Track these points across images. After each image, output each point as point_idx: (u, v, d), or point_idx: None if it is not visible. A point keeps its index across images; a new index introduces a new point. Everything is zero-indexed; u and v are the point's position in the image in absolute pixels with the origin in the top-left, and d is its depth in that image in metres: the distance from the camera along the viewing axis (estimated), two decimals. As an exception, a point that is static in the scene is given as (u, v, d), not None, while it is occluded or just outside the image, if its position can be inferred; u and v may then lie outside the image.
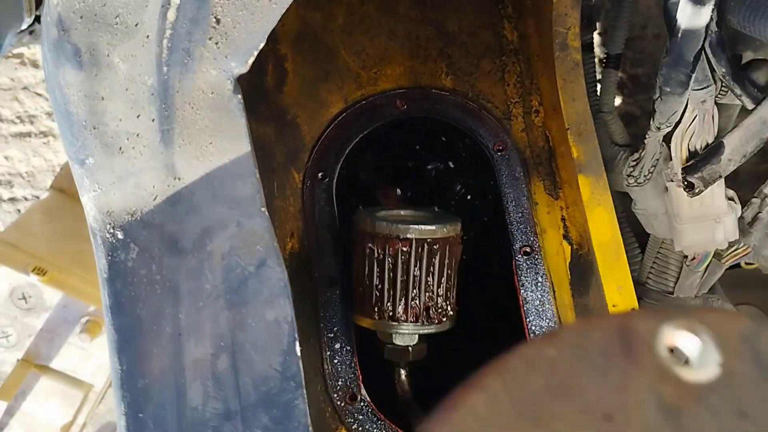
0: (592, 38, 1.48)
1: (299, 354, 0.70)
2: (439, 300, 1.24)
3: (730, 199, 1.19)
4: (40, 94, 2.91)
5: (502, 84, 1.40)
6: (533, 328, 1.26)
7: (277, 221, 1.34)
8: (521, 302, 1.27)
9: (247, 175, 0.72)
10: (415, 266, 1.22)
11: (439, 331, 1.25)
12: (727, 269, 1.35)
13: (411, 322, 1.23)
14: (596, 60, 1.50)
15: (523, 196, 1.33)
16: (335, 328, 1.28)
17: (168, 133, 0.69)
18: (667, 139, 1.16)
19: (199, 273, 0.71)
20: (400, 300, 1.23)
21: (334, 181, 1.36)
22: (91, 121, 0.67)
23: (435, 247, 1.22)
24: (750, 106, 1.07)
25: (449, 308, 1.25)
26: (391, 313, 1.23)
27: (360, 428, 1.23)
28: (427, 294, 1.23)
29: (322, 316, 1.28)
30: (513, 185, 1.34)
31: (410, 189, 1.52)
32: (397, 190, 1.56)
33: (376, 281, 1.23)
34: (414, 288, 1.22)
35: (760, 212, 1.27)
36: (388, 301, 1.23)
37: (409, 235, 1.22)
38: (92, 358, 2.53)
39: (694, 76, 1.02)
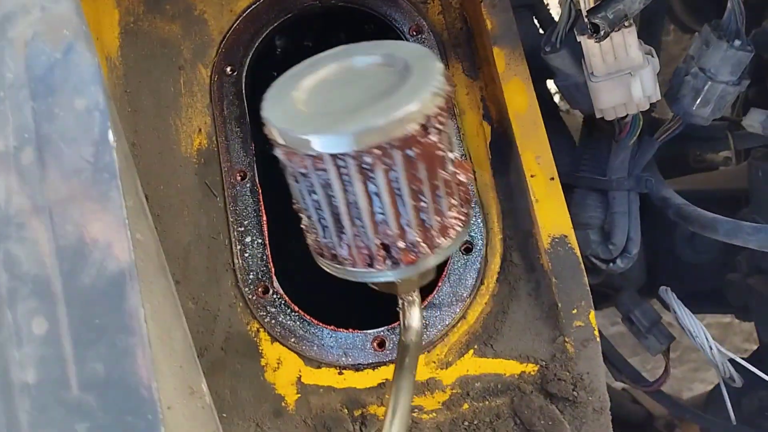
0: None
1: (113, 143, 0.64)
2: (406, 233, 0.81)
3: (647, 53, 1.12)
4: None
5: (418, -32, 1.34)
6: (452, 209, 1.18)
7: (183, 118, 1.28)
8: (440, 184, 1.20)
9: (49, -48, 0.66)
10: (347, 190, 0.78)
11: (418, 271, 0.84)
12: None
13: (361, 267, 0.84)
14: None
15: (441, 79, 1.26)
16: (245, 222, 1.21)
17: None
18: None
19: None
20: (338, 237, 0.84)
21: (243, 75, 1.29)
22: None
23: (375, 159, 0.74)
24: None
25: (432, 238, 0.82)
26: (333, 253, 0.86)
27: (272, 321, 1.17)
28: (378, 227, 0.81)
29: (232, 210, 1.22)
30: (430, 68, 1.27)
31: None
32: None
33: (303, 207, 0.85)
34: (351, 221, 0.81)
35: (686, 75, 1.20)
36: (324, 237, 0.86)
37: (318, 149, 0.74)
38: None
39: None
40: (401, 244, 0.81)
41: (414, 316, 0.91)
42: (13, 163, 0.64)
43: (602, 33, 1.01)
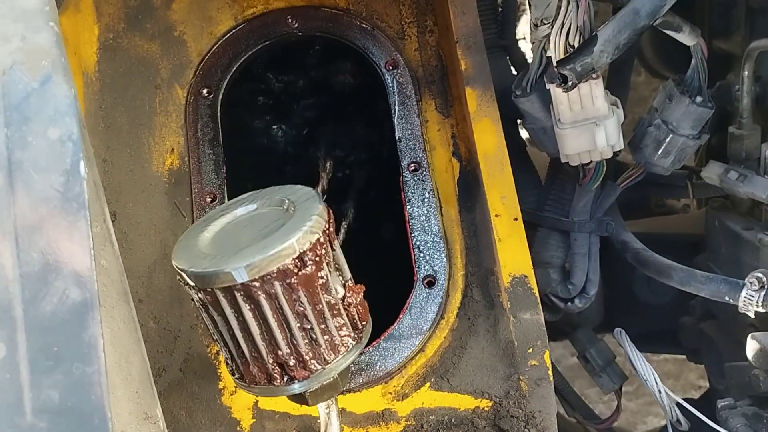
0: (492, -36, 1.46)
1: (84, 174, 0.65)
2: (296, 352, 0.91)
3: (612, 104, 1.16)
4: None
5: (397, 4, 1.37)
6: (417, 243, 1.21)
7: (157, 137, 1.29)
8: (407, 217, 1.23)
9: (32, -17, 0.67)
10: (239, 318, 0.89)
11: (316, 385, 0.94)
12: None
13: (263, 384, 0.94)
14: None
15: (414, 114, 1.29)
16: (212, 244, 1.22)
17: (-63, -72, 0.64)
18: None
19: (-24, 88, 0.66)
20: (234, 360, 0.95)
21: (219, 98, 1.31)
22: None
23: (257, 291, 0.86)
24: (624, -3, 1.04)
25: (321, 355, 0.93)
26: (240, 372, 0.95)
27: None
28: (270, 348, 0.91)
29: (200, 232, 1.23)
30: (404, 103, 1.30)
31: (304, 110, 1.48)
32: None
33: (212, 335, 0.97)
34: (246, 344, 0.92)
35: (649, 126, 1.25)
36: (226, 357, 0.96)
37: (210, 285, 0.87)
38: None
39: (563, -40, 1.00)
40: (292, 362, 0.92)
41: (333, 424, 1.01)
42: (-19, 188, 0.65)
43: (570, 84, 1.04)
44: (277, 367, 0.92)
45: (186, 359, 1.17)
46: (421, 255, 1.21)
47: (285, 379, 0.93)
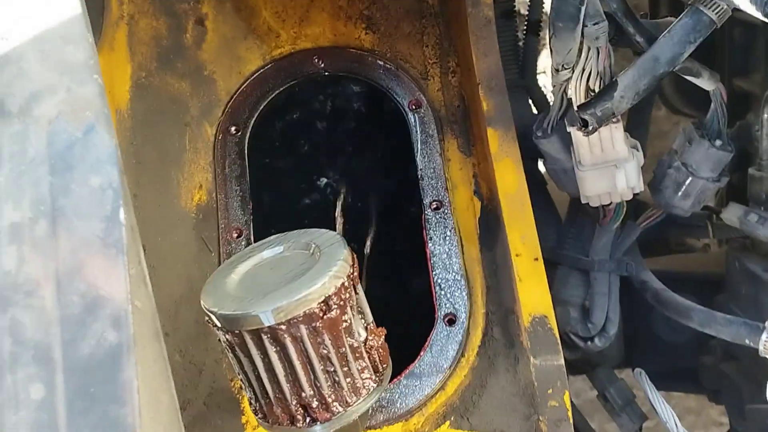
0: (514, 5, 1.49)
1: (123, 221, 0.68)
2: (319, 394, 0.94)
3: (632, 147, 1.18)
4: None
5: (421, 45, 1.40)
6: (439, 280, 1.23)
7: (186, 173, 1.33)
8: (428, 255, 1.25)
9: (79, 39, 0.71)
10: (265, 360, 0.92)
11: (336, 427, 0.96)
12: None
13: (286, 425, 0.96)
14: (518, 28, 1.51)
15: (436, 152, 1.31)
16: (238, 279, 1.25)
17: (-9, -11, 0.68)
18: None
19: (23, 137, 0.69)
20: (258, 400, 0.98)
21: (247, 135, 1.34)
22: None
23: (283, 333, 0.89)
24: (644, 44, 1.07)
25: (344, 397, 0.95)
26: (264, 412, 0.98)
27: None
28: (294, 389, 0.94)
29: (226, 266, 1.26)
30: (426, 142, 1.33)
31: (326, 149, 1.51)
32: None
33: (237, 374, 1.00)
34: (272, 385, 0.94)
35: (669, 168, 1.26)
36: (250, 397, 0.99)
37: (237, 328, 0.90)
38: None
39: (584, 9, 1.02)
40: (315, 404, 0.94)
41: None
42: (27, 234, 0.68)
43: (591, 128, 1.07)
44: (300, 409, 0.95)
45: (210, 393, 1.20)
46: (442, 293, 1.22)
47: (307, 420, 0.94)
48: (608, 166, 1.15)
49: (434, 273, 1.24)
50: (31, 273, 0.67)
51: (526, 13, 1.52)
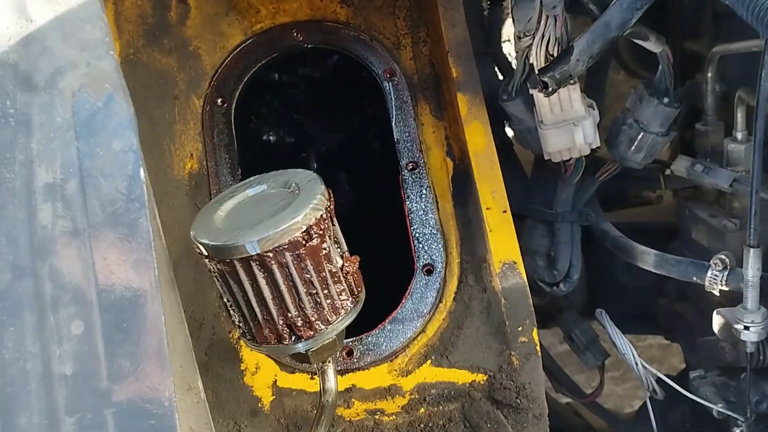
0: (478, -23, 1.59)
1: (143, 179, 0.77)
2: (302, 314, 1.04)
3: (589, 106, 1.29)
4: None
5: (393, 17, 1.49)
6: (417, 234, 1.34)
7: (177, 143, 1.41)
8: (407, 212, 1.36)
9: (95, 19, 0.80)
10: (254, 285, 1.01)
11: (319, 344, 1.07)
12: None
13: (273, 344, 1.06)
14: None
15: (411, 118, 1.42)
16: (231, 240, 1.35)
17: (17, -24, 0.76)
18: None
19: (50, 107, 0.78)
20: (247, 323, 1.06)
21: (233, 106, 1.43)
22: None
23: (270, 261, 0.98)
24: (596, 12, 1.18)
25: (325, 316, 1.05)
26: (252, 334, 1.07)
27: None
28: (280, 311, 1.03)
29: (219, 229, 1.35)
30: (401, 108, 1.43)
31: (306, 115, 1.60)
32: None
33: (226, 301, 1.09)
34: (260, 308, 1.03)
35: (622, 125, 1.38)
36: (239, 321, 1.09)
37: (228, 256, 0.98)
38: None
39: (542, -20, 1.13)
40: (300, 323, 1.05)
41: (330, 380, 1.14)
42: (59, 193, 0.77)
43: (550, 89, 1.18)
44: (286, 328, 1.05)
45: (210, 344, 1.30)
46: (420, 246, 1.33)
47: (293, 338, 1.05)
48: (567, 124, 1.27)
49: (412, 228, 1.35)
50: (65, 226, 0.77)
51: (490, -16, 1.62)
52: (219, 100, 1.43)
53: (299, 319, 1.04)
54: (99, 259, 0.76)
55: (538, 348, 1.26)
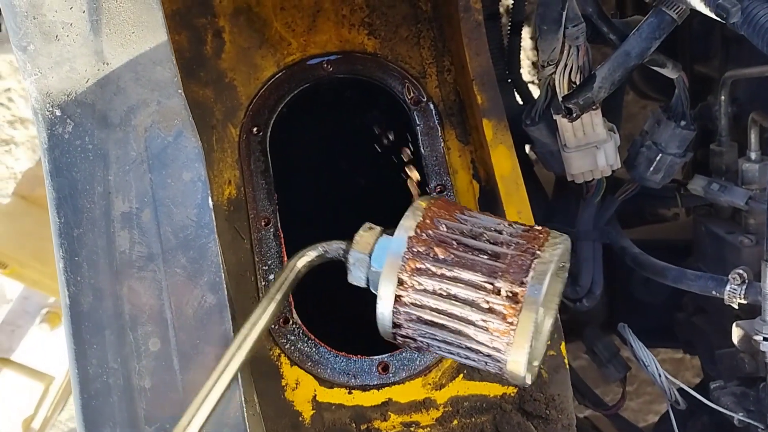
0: (498, 8, 1.66)
1: (211, 207, 0.84)
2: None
3: (610, 130, 1.36)
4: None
5: (418, 47, 1.57)
6: (446, 254, 1.40)
7: (215, 171, 1.48)
8: (436, 233, 1.42)
9: (165, 60, 0.87)
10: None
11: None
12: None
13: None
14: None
15: (438, 143, 1.49)
16: (269, 262, 1.41)
17: (96, 23, 0.83)
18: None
19: (125, 143, 0.85)
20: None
21: (268, 135, 1.50)
22: (31, 11, 0.81)
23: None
24: (617, 41, 1.25)
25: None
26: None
27: (292, 347, 1.36)
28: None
29: (257, 251, 1.42)
30: (428, 134, 1.50)
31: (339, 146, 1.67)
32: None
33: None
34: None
35: (641, 147, 1.45)
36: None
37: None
38: (53, 350, 2.60)
39: (565, 13, 1.20)
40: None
41: None
42: (135, 221, 0.84)
43: (574, 115, 1.24)
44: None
45: (252, 362, 1.36)
46: (450, 265, 1.40)
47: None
48: (590, 147, 1.34)
49: (442, 248, 1.41)
50: (141, 251, 0.83)
51: (510, 15, 1.69)
52: (254, 129, 1.50)
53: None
54: (173, 281, 0.83)
55: (566, 361, 1.32)
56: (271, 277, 1.41)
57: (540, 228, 0.96)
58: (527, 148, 1.62)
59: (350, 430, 1.33)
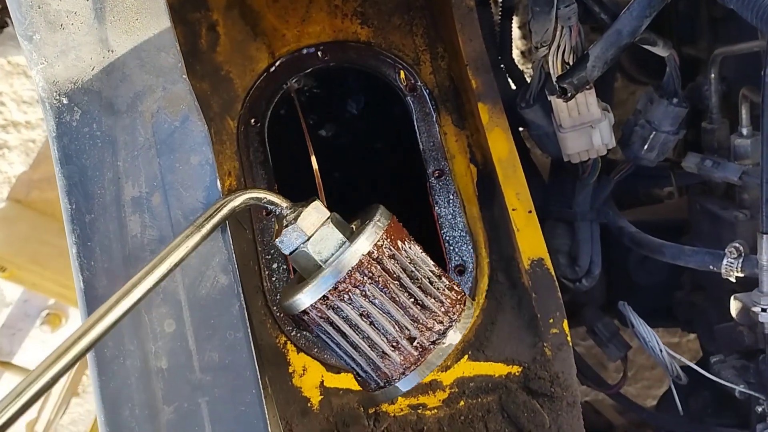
0: (489, -6, 1.68)
1: (219, 189, 0.85)
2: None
3: (604, 109, 1.38)
4: (-7, 109, 3.02)
5: (411, 35, 1.58)
6: (447, 238, 1.42)
7: (215, 163, 1.49)
8: (436, 217, 1.44)
9: (169, 47, 0.88)
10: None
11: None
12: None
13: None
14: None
15: (434, 128, 1.50)
16: (272, 251, 1.42)
17: (100, 11, 0.84)
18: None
19: (132, 129, 0.86)
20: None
21: (266, 125, 1.51)
22: (36, 1, 0.82)
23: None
24: (608, 21, 1.27)
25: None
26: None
27: (297, 334, 1.37)
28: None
29: (260, 241, 1.43)
30: (425, 120, 1.51)
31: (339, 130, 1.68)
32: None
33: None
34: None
35: (635, 126, 1.47)
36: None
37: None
38: (53, 352, 2.59)
39: (557, -6, 1.22)
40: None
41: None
42: (145, 205, 0.85)
43: (569, 95, 1.26)
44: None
45: (259, 349, 1.37)
46: (451, 248, 1.41)
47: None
48: (585, 127, 1.35)
49: (442, 232, 1.43)
50: (152, 235, 0.84)
51: (499, 1, 1.71)
52: (252, 121, 1.51)
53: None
54: (185, 263, 0.84)
55: (569, 338, 1.34)
56: (275, 265, 1.42)
57: (462, 292, 1.05)
58: (522, 132, 1.63)
59: (359, 414, 1.34)
